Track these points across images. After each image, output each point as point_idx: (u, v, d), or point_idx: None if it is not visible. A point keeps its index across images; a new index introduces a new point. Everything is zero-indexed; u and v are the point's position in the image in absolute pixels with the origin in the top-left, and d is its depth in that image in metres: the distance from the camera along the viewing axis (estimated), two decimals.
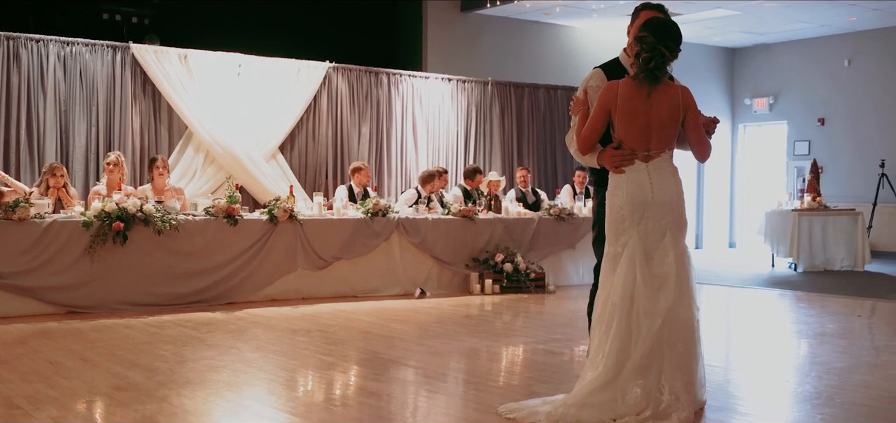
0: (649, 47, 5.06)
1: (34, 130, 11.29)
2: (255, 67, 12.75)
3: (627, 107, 5.11)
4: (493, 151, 15.20)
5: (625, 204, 5.13)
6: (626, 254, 5.08)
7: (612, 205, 5.21)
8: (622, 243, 5.12)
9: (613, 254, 5.16)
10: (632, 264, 5.05)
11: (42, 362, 6.73)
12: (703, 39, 19.07)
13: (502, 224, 11.79)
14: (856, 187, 17.85)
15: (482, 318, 9.61)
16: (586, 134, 5.23)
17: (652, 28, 5.13)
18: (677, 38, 5.14)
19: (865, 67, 18.07)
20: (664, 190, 5.15)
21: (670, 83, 5.22)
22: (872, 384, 6.32)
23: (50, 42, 11.41)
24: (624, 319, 5.00)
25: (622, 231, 5.14)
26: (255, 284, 10.14)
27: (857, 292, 11.81)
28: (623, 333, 4.98)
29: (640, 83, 5.11)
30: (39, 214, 8.97)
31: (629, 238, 5.10)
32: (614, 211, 5.19)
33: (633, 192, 5.12)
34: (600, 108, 5.17)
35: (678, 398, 4.90)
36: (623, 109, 5.11)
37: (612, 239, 5.19)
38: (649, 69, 5.08)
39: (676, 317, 5.01)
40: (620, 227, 5.15)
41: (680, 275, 5.06)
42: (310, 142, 13.35)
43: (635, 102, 5.10)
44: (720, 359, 7.72)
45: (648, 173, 5.14)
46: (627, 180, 5.15)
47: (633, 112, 5.11)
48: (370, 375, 6.53)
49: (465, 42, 16.20)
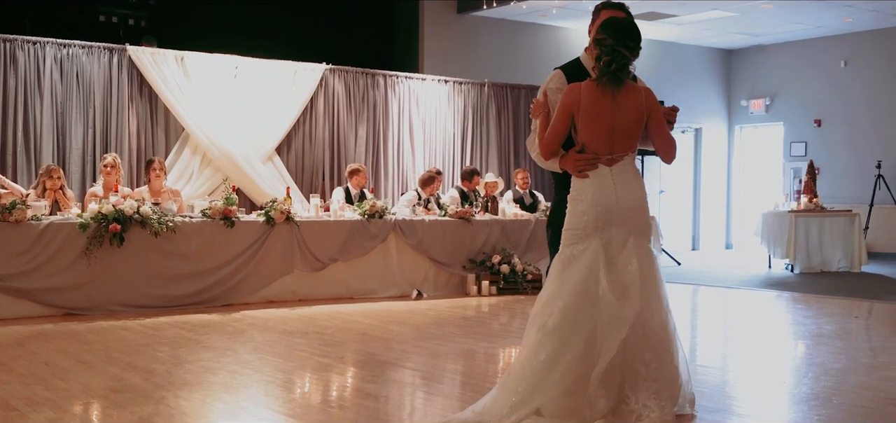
0: (609, 49, 4.94)
1: (31, 131, 11.28)
2: (252, 69, 12.74)
3: (591, 110, 4.99)
4: (490, 152, 15.20)
5: (589, 210, 5.00)
6: (585, 259, 4.95)
7: (574, 210, 5.08)
8: (582, 247, 4.99)
9: (568, 256, 5.01)
10: (592, 270, 4.92)
11: (39, 363, 6.72)
12: (700, 41, 19.08)
13: (499, 226, 11.80)
14: (852, 189, 17.87)
15: (479, 319, 9.61)
16: (549, 138, 5.11)
17: (610, 29, 5.01)
18: (636, 37, 5.02)
19: (862, 69, 18.10)
20: (628, 195, 5.03)
21: (634, 85, 5.11)
22: (870, 385, 6.33)
23: (46, 44, 11.40)
24: (582, 323, 4.85)
25: (584, 236, 5.00)
26: (252, 285, 10.14)
27: (853, 293, 11.82)
28: (584, 337, 4.83)
29: (603, 86, 4.99)
30: (36, 216, 8.96)
31: (590, 244, 4.97)
32: (576, 216, 5.05)
33: (598, 197, 5.00)
34: (563, 111, 5.05)
35: (646, 405, 4.82)
36: (586, 113, 5.00)
37: (570, 241, 5.04)
38: (611, 72, 4.95)
39: (644, 325, 4.90)
40: (582, 232, 5.01)
41: (646, 281, 4.94)
42: (306, 144, 13.35)
43: (600, 106, 4.98)
44: (717, 360, 7.74)
45: (612, 178, 5.02)
46: (591, 185, 5.03)
47: (598, 115, 4.99)
48: (367, 376, 6.52)
49: (461, 44, 16.21)
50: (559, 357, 4.82)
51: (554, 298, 4.96)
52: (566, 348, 4.83)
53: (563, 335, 4.85)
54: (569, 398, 4.78)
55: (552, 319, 4.89)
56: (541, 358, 4.84)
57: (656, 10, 15.86)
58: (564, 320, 4.87)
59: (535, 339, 4.92)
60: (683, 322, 10.32)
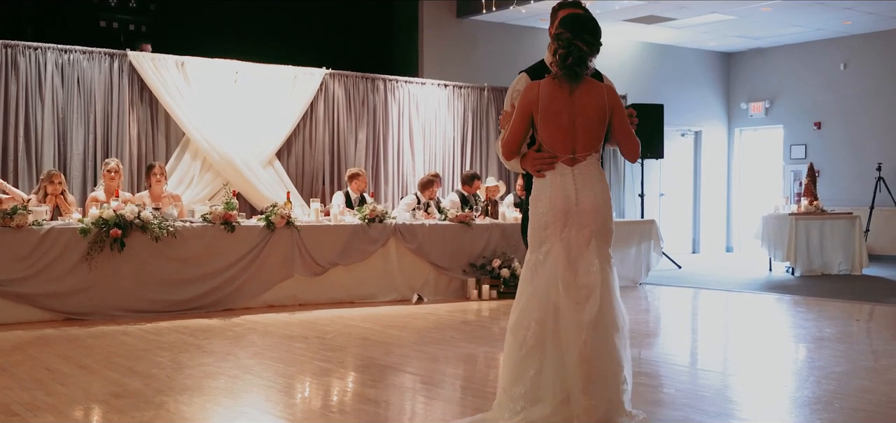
0: (566, 43, 4.79)
1: (32, 137, 11.29)
2: (252, 74, 12.76)
3: (549, 108, 4.85)
4: (490, 156, 15.21)
5: (547, 211, 4.88)
6: (548, 265, 4.86)
7: (535, 211, 4.96)
8: (545, 250, 4.88)
9: (534, 262, 4.91)
10: (554, 276, 4.82)
11: (39, 368, 6.73)
12: (699, 44, 19.09)
13: (499, 230, 11.79)
14: (853, 191, 17.88)
15: (479, 323, 9.61)
16: (508, 138, 4.97)
17: (568, 23, 4.86)
18: (595, 31, 4.87)
19: (861, 71, 18.11)
20: (589, 196, 4.88)
21: (595, 82, 4.95)
22: (871, 388, 6.32)
23: (48, 49, 11.41)
24: (553, 335, 4.79)
25: (545, 239, 4.89)
26: (253, 290, 10.14)
27: (854, 296, 11.81)
28: (558, 349, 4.77)
29: (560, 82, 4.85)
30: (37, 221, 8.97)
31: (552, 246, 4.86)
32: (537, 217, 4.93)
33: (556, 197, 4.87)
34: (522, 110, 4.92)
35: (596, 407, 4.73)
36: (545, 111, 4.85)
37: (535, 246, 4.93)
38: (568, 66, 4.80)
39: (601, 329, 4.78)
40: (543, 234, 4.89)
41: (604, 285, 4.83)
42: (307, 148, 13.36)
43: (557, 103, 4.84)
44: (718, 364, 7.73)
45: (573, 178, 4.87)
46: (550, 185, 4.90)
47: (556, 113, 4.85)
48: (367, 381, 6.53)
49: (461, 48, 16.22)
50: (546, 371, 4.80)
51: (528, 310, 4.89)
52: (549, 359, 4.79)
53: (545, 349, 4.81)
54: (566, 406, 4.76)
55: (530, 334, 4.83)
56: (530, 374, 4.81)
57: (655, 13, 15.87)
58: (541, 335, 4.81)
59: (518, 357, 4.87)
60: (684, 326, 10.33)
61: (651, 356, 7.69)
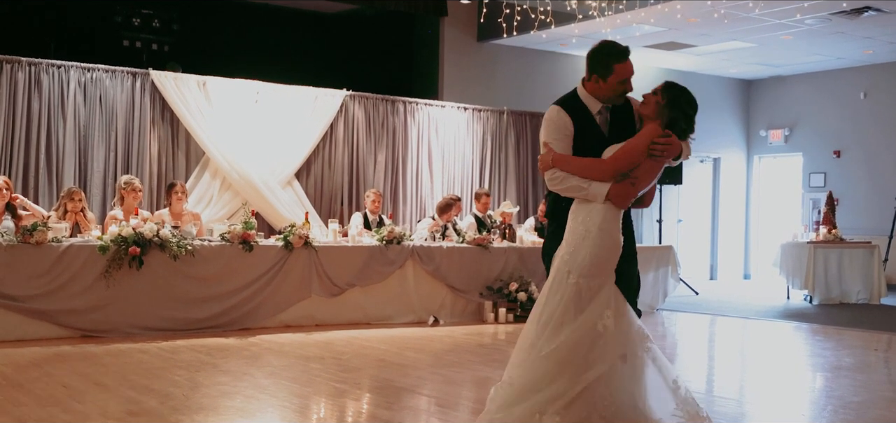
0: (691, 123, 5.20)
1: (53, 154, 11.39)
2: (273, 95, 12.83)
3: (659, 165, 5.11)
4: (509, 180, 15.23)
5: (616, 247, 5.02)
6: (599, 300, 4.96)
7: (607, 235, 5.01)
8: (598, 284, 4.97)
9: (586, 288, 4.97)
10: (600, 314, 4.94)
11: (56, 385, 6.76)
12: (719, 71, 19.08)
13: (516, 253, 11.79)
14: (872, 220, 17.79)
15: (495, 347, 9.60)
16: (620, 166, 5.02)
17: (691, 102, 5.24)
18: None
19: (881, 100, 18.05)
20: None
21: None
22: (890, 419, 6.29)
23: (71, 68, 11.52)
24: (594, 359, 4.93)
25: (603, 272, 5.00)
26: (270, 310, 10.16)
27: (873, 325, 11.75)
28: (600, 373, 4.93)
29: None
30: (56, 237, 9.01)
31: (602, 283, 4.98)
32: (607, 249, 5.00)
33: (618, 236, 5.04)
34: (640, 150, 5.05)
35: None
36: (654, 165, 5.09)
37: (588, 272, 4.96)
38: (683, 134, 5.15)
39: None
40: (605, 267, 5.00)
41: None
42: (325, 169, 13.41)
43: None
44: (734, 392, 7.70)
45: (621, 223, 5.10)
46: (618, 221, 5.05)
47: (657, 166, 5.11)
48: (383, 403, 6.53)
49: (481, 71, 16.26)
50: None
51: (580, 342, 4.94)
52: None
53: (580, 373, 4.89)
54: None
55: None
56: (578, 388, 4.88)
57: (675, 40, 15.88)
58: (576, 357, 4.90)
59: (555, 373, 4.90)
60: (701, 352, 10.29)
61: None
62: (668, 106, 5.10)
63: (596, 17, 13.85)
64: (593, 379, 4.85)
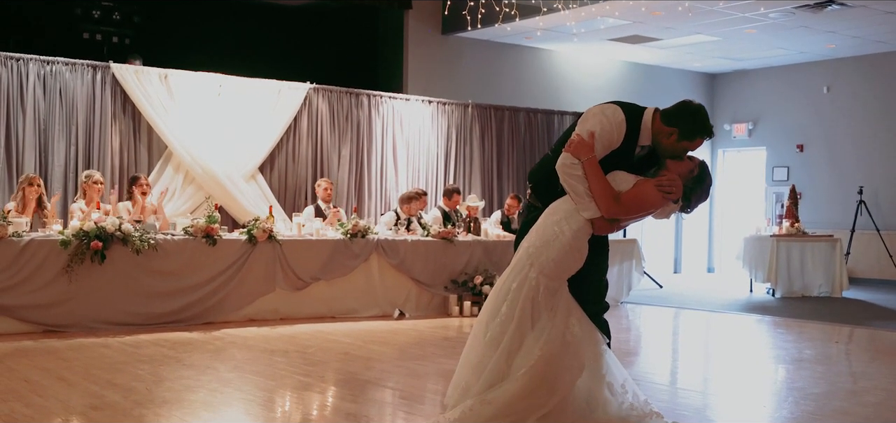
0: (706, 190, 5.36)
1: (13, 147, 11.24)
2: (236, 88, 12.74)
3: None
4: (473, 173, 15.23)
5: (581, 257, 5.08)
6: (561, 309, 5.07)
7: (576, 246, 5.06)
8: (554, 287, 5.06)
9: (544, 288, 5.05)
10: (567, 324, 5.07)
11: (18, 380, 6.68)
12: (683, 64, 19.18)
13: (481, 246, 11.80)
14: (834, 214, 17.97)
15: (460, 340, 9.58)
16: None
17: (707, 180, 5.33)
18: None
19: (844, 94, 18.22)
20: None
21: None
22: (849, 410, 6.35)
23: (30, 60, 11.37)
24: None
25: (561, 278, 5.08)
26: (234, 304, 10.10)
27: (834, 318, 11.86)
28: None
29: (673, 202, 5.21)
30: (17, 232, 8.91)
31: (557, 288, 5.08)
32: (572, 258, 5.06)
33: (585, 249, 5.09)
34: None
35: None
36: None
37: (549, 273, 5.05)
38: (687, 202, 5.31)
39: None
40: (565, 274, 5.08)
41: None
42: (289, 162, 13.34)
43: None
44: (698, 384, 7.75)
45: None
46: (589, 235, 5.08)
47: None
48: (348, 396, 6.51)
49: (445, 64, 16.24)
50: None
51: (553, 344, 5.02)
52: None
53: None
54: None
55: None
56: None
57: (640, 33, 15.94)
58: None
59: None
60: (664, 345, 10.34)
61: (631, 375, 7.67)
62: (695, 179, 5.20)
63: (560, 11, 13.87)
64: (568, 387, 4.94)
